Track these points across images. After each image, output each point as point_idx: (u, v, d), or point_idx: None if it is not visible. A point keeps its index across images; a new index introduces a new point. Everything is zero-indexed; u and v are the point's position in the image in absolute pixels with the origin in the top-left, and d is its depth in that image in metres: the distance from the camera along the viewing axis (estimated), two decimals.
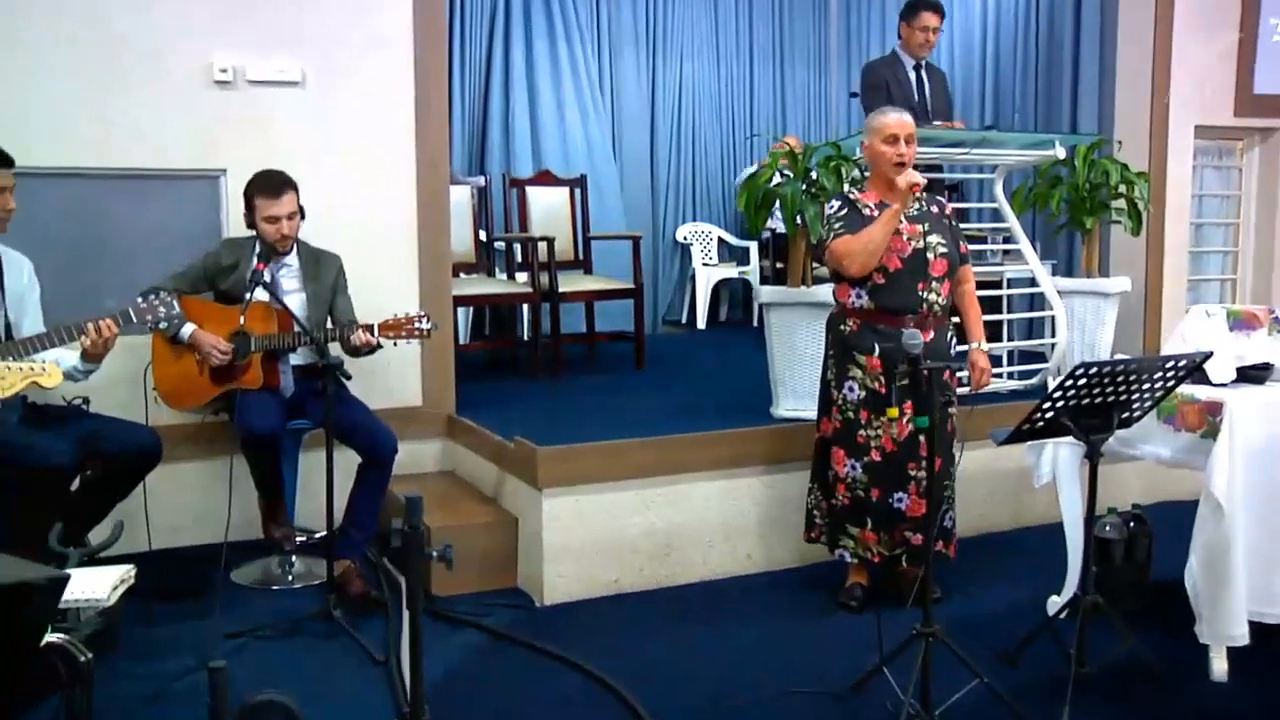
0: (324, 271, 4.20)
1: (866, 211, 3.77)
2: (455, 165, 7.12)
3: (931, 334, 3.72)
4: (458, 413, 4.95)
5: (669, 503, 4.20)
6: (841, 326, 3.82)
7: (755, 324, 8.32)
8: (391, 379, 4.81)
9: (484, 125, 7.85)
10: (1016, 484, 4.72)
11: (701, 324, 8.31)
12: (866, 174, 4.37)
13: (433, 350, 4.85)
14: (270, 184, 4.04)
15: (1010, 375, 5.32)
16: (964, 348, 3.91)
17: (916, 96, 5.61)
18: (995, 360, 5.31)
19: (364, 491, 3.99)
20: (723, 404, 4.99)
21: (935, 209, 3.85)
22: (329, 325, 4.12)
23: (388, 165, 4.81)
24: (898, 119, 3.73)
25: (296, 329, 3.95)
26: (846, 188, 4.25)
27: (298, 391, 4.12)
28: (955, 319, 3.91)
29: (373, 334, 3.95)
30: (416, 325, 3.99)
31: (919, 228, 3.74)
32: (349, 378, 3.82)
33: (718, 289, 8.61)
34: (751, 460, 4.33)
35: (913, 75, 5.66)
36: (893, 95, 5.43)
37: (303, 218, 4.14)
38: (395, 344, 4.06)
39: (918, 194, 3.65)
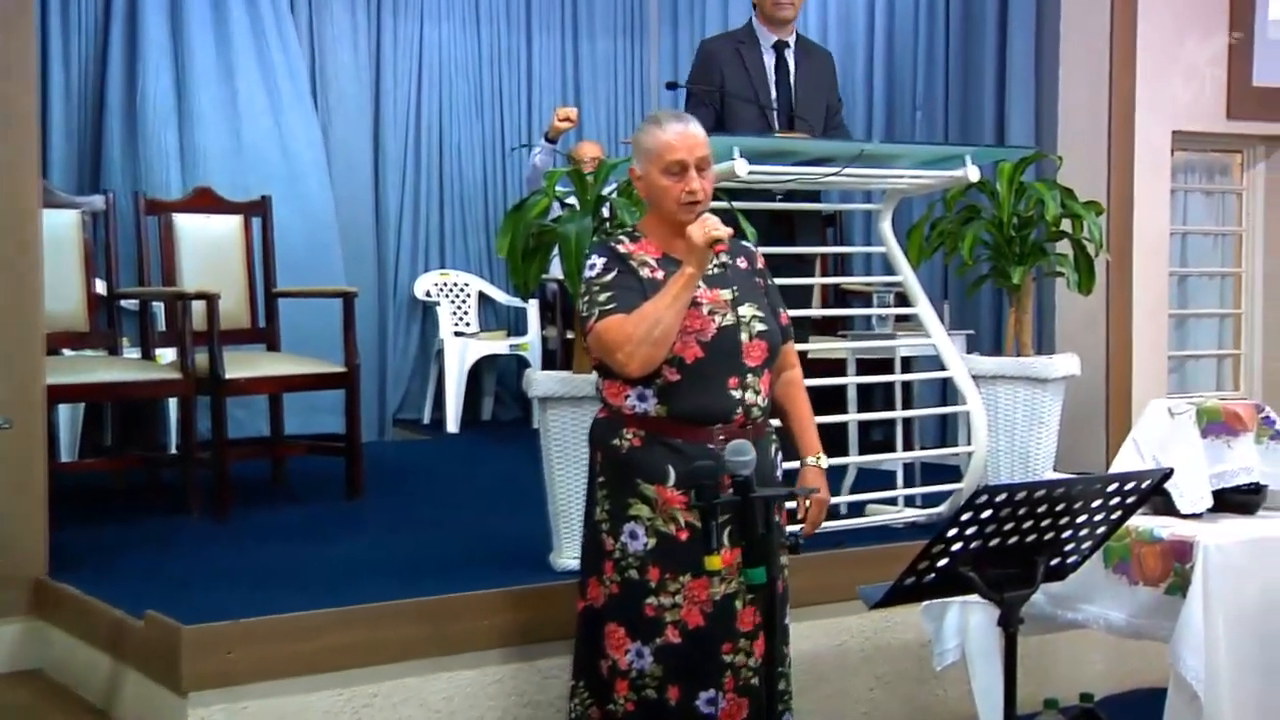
0: None
1: (646, 272, 3.74)
2: (54, 178, 7.05)
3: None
4: (52, 575, 4.87)
5: (390, 707, 4.20)
6: (616, 441, 3.78)
7: (536, 425, 8.38)
8: None
9: (99, 117, 7.73)
10: (917, 667, 4.86)
11: (453, 425, 8.37)
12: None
13: (10, 473, 4.79)
14: None
15: (909, 501, 5.49)
16: (793, 465, 3.97)
17: (775, 91, 5.77)
18: (887, 479, 5.53)
19: None
20: (480, 552, 5.05)
21: (743, 262, 3.88)
22: None
23: None
24: (681, 133, 3.69)
25: None
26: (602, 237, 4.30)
27: None
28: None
29: None
30: None
31: (724, 295, 3.75)
32: None
33: (478, 371, 8.69)
34: (519, 638, 4.38)
35: (771, 59, 5.81)
36: (731, 91, 5.57)
37: None
38: None
39: (721, 252, 3.65)
